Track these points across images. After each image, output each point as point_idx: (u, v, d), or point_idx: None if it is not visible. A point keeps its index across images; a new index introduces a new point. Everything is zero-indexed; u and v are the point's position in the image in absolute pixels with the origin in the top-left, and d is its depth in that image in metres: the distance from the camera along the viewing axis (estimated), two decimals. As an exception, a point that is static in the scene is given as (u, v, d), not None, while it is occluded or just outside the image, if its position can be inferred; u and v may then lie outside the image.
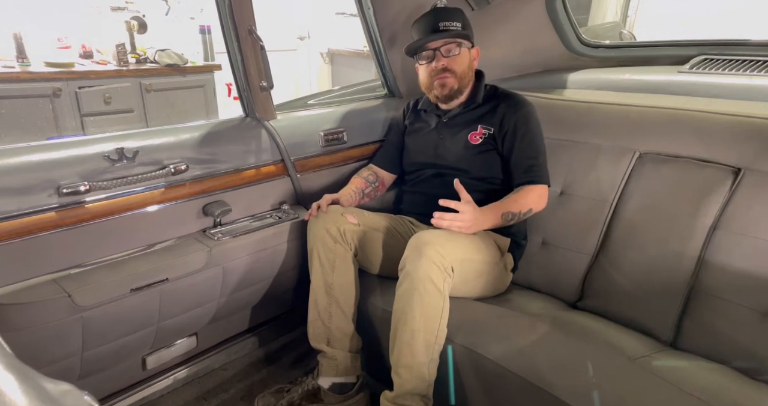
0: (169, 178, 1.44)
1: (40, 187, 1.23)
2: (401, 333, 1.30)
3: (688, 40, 1.94)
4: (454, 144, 1.64)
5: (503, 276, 1.55)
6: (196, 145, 1.51)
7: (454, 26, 1.56)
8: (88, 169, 1.30)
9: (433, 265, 1.28)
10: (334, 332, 1.52)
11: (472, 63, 1.63)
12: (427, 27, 1.58)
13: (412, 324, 1.28)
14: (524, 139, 1.54)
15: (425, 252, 1.29)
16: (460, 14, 1.61)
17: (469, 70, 1.62)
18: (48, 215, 1.25)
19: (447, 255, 1.30)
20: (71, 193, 1.26)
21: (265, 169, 1.66)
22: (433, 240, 1.32)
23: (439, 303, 1.29)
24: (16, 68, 2.98)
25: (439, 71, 1.57)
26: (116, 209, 1.36)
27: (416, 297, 1.28)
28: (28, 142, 1.32)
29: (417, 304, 1.28)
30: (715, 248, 1.29)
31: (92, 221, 1.32)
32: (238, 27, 1.54)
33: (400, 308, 1.31)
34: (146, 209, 1.41)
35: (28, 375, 0.44)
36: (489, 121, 1.60)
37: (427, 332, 1.28)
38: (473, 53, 1.63)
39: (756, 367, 1.19)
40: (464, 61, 1.59)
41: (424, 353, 1.28)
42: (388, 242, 1.57)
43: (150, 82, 3.38)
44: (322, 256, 1.51)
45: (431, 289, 1.28)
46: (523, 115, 1.57)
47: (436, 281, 1.28)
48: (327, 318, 1.52)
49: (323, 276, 1.51)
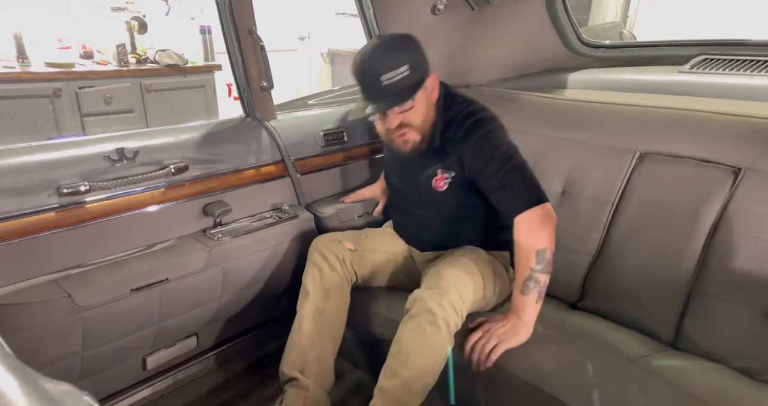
0: (169, 179, 1.45)
1: (41, 187, 1.23)
2: (398, 368, 1.24)
3: (689, 40, 1.94)
4: (420, 185, 1.46)
5: (508, 286, 1.48)
6: (197, 145, 1.51)
7: (400, 74, 1.26)
8: (89, 169, 1.30)
9: (453, 310, 1.23)
10: (312, 361, 1.44)
11: (431, 97, 1.37)
12: (368, 84, 1.30)
13: (414, 366, 1.22)
14: (491, 173, 1.32)
15: (448, 294, 1.23)
16: (406, 50, 1.30)
17: (430, 112, 1.38)
18: (48, 215, 1.25)
19: (466, 299, 1.26)
20: (71, 194, 1.27)
21: (265, 169, 1.66)
22: (455, 281, 1.26)
23: (446, 349, 1.23)
24: (16, 68, 2.98)
25: (396, 129, 1.35)
26: (116, 209, 1.36)
27: (425, 339, 1.22)
28: (29, 142, 1.32)
29: (426, 347, 1.22)
30: (715, 248, 1.29)
31: (92, 221, 1.32)
32: (238, 27, 1.54)
33: (406, 344, 1.24)
34: (146, 209, 1.41)
35: (28, 376, 0.44)
36: (447, 165, 1.40)
37: (425, 376, 1.23)
38: (430, 86, 1.35)
39: (756, 367, 1.19)
40: (421, 109, 1.34)
41: (418, 394, 1.24)
42: (389, 263, 1.55)
43: (150, 83, 3.38)
44: (317, 282, 1.45)
45: (444, 334, 1.22)
46: (477, 146, 1.33)
47: (451, 326, 1.23)
48: (308, 347, 1.44)
49: (315, 302, 1.44)
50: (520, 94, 1.84)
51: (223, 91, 3.78)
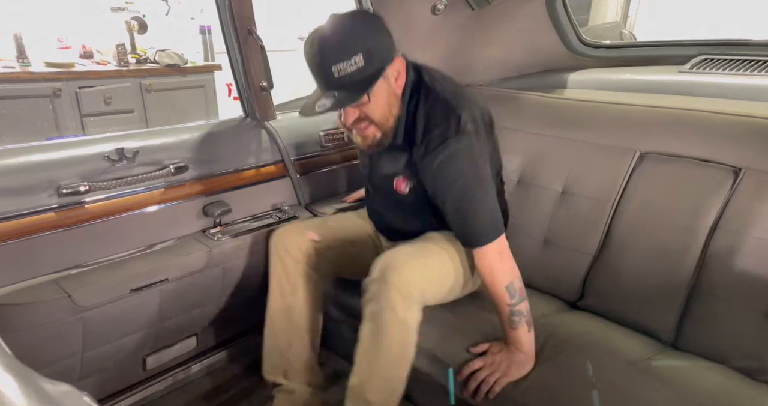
0: (169, 179, 1.45)
1: (40, 187, 1.24)
2: (360, 366, 1.20)
3: (689, 40, 1.93)
4: (384, 183, 1.36)
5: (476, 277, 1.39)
6: (196, 145, 1.51)
7: (353, 64, 1.09)
8: (88, 169, 1.30)
9: (397, 294, 1.14)
10: (293, 362, 1.38)
11: (394, 87, 1.20)
12: (319, 75, 1.13)
13: (373, 363, 1.19)
14: (448, 201, 1.21)
15: (389, 279, 1.15)
16: (360, 36, 1.12)
17: (391, 105, 1.21)
18: (48, 216, 1.25)
19: (413, 281, 1.16)
20: (71, 194, 1.27)
21: (265, 169, 1.66)
22: (400, 264, 1.17)
23: (404, 338, 1.17)
24: (16, 68, 2.99)
25: (354, 123, 1.21)
26: (116, 209, 1.36)
27: (379, 333, 1.17)
28: (29, 142, 1.33)
29: (381, 341, 1.17)
30: (716, 247, 1.29)
31: (92, 221, 1.32)
32: (238, 27, 1.54)
33: (362, 342, 1.20)
34: (146, 209, 1.42)
35: (28, 376, 0.44)
36: (409, 170, 1.28)
37: (388, 373, 1.19)
38: (392, 73, 1.18)
39: (757, 367, 1.19)
40: (380, 102, 1.18)
41: (384, 391, 1.20)
42: (356, 250, 1.48)
43: (150, 83, 3.38)
44: (282, 277, 1.39)
45: (393, 323, 1.15)
46: (439, 168, 1.19)
47: (399, 313, 1.15)
48: (285, 347, 1.39)
49: (282, 298, 1.38)
50: (520, 94, 1.84)
51: (223, 91, 3.78)
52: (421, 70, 1.27)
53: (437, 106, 1.21)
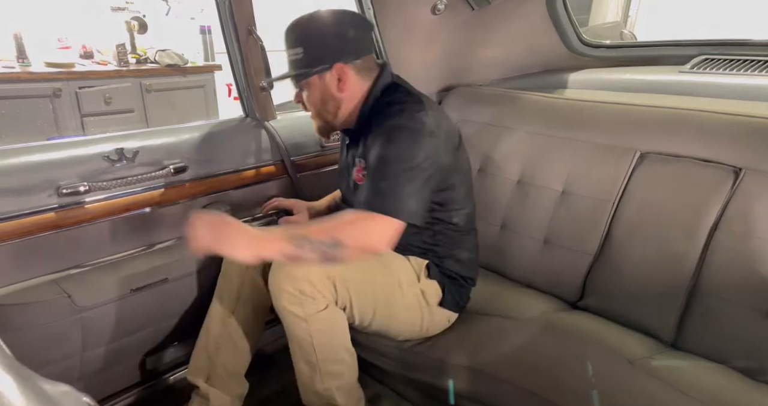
0: (169, 179, 1.45)
1: (40, 187, 1.24)
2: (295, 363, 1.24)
3: (689, 40, 1.93)
4: (347, 177, 1.37)
5: (422, 309, 1.30)
6: (196, 145, 1.51)
7: (294, 54, 1.22)
8: (88, 169, 1.31)
9: (282, 290, 1.13)
10: (217, 367, 1.36)
11: (332, 89, 1.24)
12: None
13: (297, 364, 1.22)
14: (374, 163, 1.15)
15: (276, 274, 1.15)
16: (307, 33, 1.22)
17: (326, 102, 1.26)
18: (48, 216, 1.25)
19: (300, 274, 1.12)
20: (71, 194, 1.27)
21: (265, 169, 1.66)
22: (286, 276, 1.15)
23: (304, 331, 1.16)
24: (16, 68, 2.99)
25: (300, 104, 1.32)
26: (116, 209, 1.36)
27: (288, 332, 1.20)
28: (29, 142, 1.33)
29: (291, 339, 1.20)
30: (716, 247, 1.29)
31: (92, 221, 1.32)
32: (238, 27, 1.54)
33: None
34: (146, 209, 1.41)
35: (27, 377, 0.44)
36: (363, 154, 1.27)
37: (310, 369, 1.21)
38: (331, 77, 1.22)
39: (757, 367, 1.19)
40: (314, 96, 1.25)
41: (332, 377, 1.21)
42: None
43: (150, 83, 3.39)
44: (233, 279, 1.37)
45: (291, 319, 1.16)
46: (385, 133, 1.16)
47: (291, 308, 1.14)
48: (214, 350, 1.36)
49: (227, 301, 1.37)
50: (520, 94, 1.83)
51: (223, 91, 3.78)
52: (400, 81, 1.32)
53: (404, 98, 1.23)
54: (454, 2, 1.79)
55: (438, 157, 1.17)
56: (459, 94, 1.97)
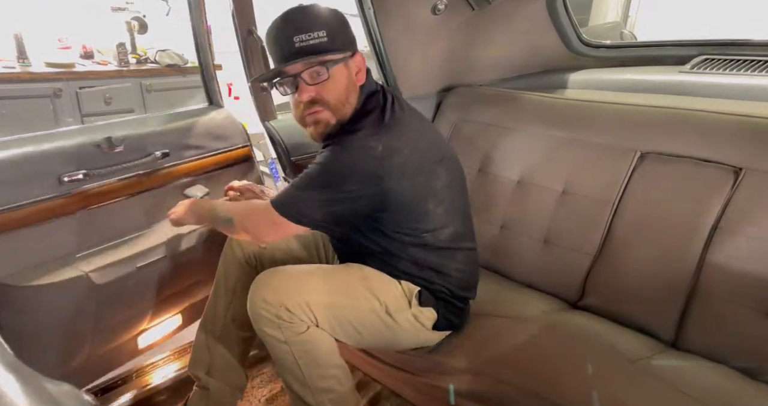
0: (156, 163, 1.50)
1: (43, 177, 1.29)
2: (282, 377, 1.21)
3: (689, 40, 1.94)
4: None
5: (418, 331, 1.27)
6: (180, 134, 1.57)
7: (316, 38, 1.09)
8: (83, 158, 1.36)
9: (260, 315, 1.11)
10: (216, 359, 1.38)
11: (354, 79, 1.18)
12: (278, 46, 1.13)
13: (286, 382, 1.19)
14: (312, 165, 1.16)
15: (252, 299, 1.13)
16: (325, 17, 1.13)
17: (349, 92, 1.17)
18: (55, 203, 1.30)
19: (276, 301, 1.10)
20: (72, 182, 1.32)
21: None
22: (265, 283, 1.14)
23: (286, 353, 1.13)
24: (16, 69, 2.98)
25: (308, 105, 1.16)
26: (114, 193, 1.42)
27: (271, 354, 1.17)
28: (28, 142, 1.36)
29: (275, 361, 1.17)
30: (716, 247, 1.29)
31: (94, 205, 1.38)
32: (239, 27, 1.55)
33: None
34: (142, 192, 1.49)
35: (29, 376, 0.44)
36: None
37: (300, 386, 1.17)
38: (354, 65, 1.18)
39: (757, 367, 1.19)
40: (338, 85, 1.15)
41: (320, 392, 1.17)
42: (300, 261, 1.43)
43: (150, 83, 3.38)
44: (231, 273, 1.39)
45: (272, 342, 1.13)
46: (332, 145, 1.15)
47: (270, 332, 1.12)
48: (213, 343, 1.38)
49: (224, 293, 1.39)
50: (520, 94, 1.84)
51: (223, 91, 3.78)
52: (386, 91, 1.24)
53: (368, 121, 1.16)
54: (454, 2, 1.79)
55: (376, 189, 1.11)
56: (459, 94, 1.97)
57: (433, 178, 1.20)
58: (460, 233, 1.29)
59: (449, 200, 1.25)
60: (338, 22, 1.15)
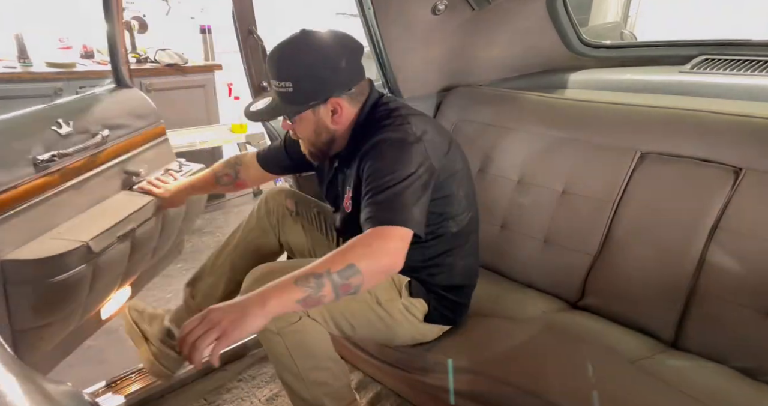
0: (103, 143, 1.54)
1: (20, 159, 1.31)
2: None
3: (689, 40, 1.94)
4: (337, 203, 1.38)
5: (410, 322, 1.28)
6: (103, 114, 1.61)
7: (283, 87, 1.14)
8: (48, 139, 1.40)
9: None
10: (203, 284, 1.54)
11: (325, 121, 1.19)
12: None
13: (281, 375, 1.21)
14: (368, 179, 1.10)
15: (245, 291, 1.13)
16: (295, 66, 1.13)
17: (319, 135, 1.22)
18: (36, 182, 1.33)
19: None
20: (47, 161, 1.35)
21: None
22: (262, 276, 1.13)
23: (279, 345, 1.15)
24: (17, 69, 2.99)
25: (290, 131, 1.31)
26: (85, 168, 1.48)
27: (265, 347, 1.19)
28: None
29: (269, 354, 1.20)
30: (716, 247, 1.29)
31: (68, 181, 1.42)
32: (239, 27, 1.55)
33: None
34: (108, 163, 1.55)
35: (29, 376, 0.44)
36: (351, 180, 1.25)
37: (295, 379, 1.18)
38: (325, 110, 1.18)
39: (757, 367, 1.19)
40: (306, 127, 1.21)
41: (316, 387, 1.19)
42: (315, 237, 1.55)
43: (150, 82, 3.38)
44: (261, 217, 1.53)
45: (263, 333, 1.14)
46: (372, 150, 1.14)
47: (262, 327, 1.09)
48: (209, 269, 1.54)
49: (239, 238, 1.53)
50: (520, 94, 1.84)
51: (223, 91, 3.78)
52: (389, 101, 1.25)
53: (387, 113, 1.21)
54: (455, 2, 1.79)
55: (429, 162, 1.14)
56: (459, 94, 1.97)
57: (452, 160, 1.25)
58: (474, 218, 1.35)
59: (467, 185, 1.31)
60: (310, 70, 1.13)
